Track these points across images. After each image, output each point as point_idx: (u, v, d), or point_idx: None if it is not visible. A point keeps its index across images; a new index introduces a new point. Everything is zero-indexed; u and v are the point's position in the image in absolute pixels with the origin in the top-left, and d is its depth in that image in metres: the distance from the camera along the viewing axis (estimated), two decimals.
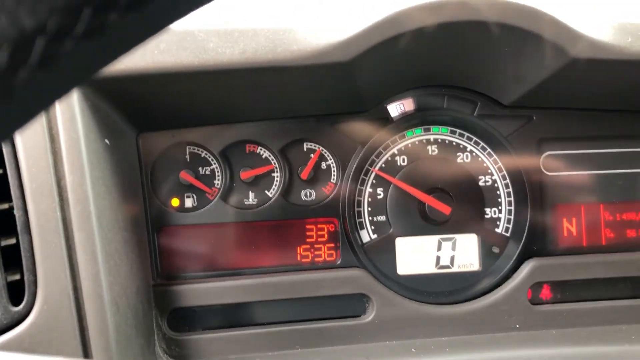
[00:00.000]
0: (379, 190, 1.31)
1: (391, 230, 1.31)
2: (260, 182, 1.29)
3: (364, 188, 1.31)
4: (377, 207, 1.31)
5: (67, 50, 0.34)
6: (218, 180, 1.27)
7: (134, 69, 0.99)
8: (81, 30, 0.34)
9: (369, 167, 1.31)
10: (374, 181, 1.31)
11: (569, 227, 1.33)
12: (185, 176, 1.25)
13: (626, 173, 1.35)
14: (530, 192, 1.31)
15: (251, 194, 1.28)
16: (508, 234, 1.32)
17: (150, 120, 1.21)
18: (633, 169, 1.35)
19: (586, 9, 1.14)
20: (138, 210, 1.19)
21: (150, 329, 1.16)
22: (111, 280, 0.98)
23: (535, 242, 1.32)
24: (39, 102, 0.38)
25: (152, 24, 0.38)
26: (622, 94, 1.27)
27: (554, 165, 1.33)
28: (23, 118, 0.38)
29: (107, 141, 1.05)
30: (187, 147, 1.26)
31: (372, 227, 1.31)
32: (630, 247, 1.33)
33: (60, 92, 0.39)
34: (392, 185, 1.31)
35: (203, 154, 1.27)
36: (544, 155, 1.33)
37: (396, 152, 1.32)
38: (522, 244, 1.30)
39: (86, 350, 0.96)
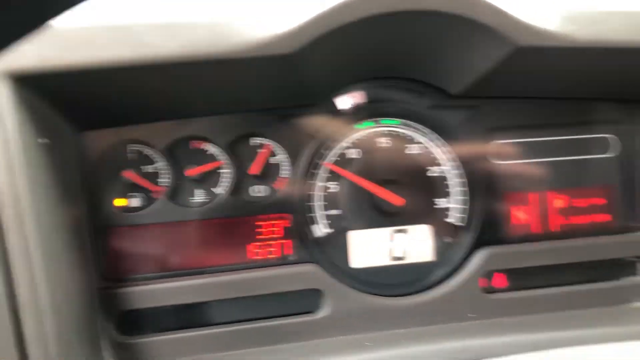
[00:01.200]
0: (332, 184, 1.30)
1: (344, 224, 1.29)
2: (208, 179, 1.25)
3: (316, 182, 1.29)
4: (329, 200, 1.30)
5: None
6: (163, 178, 1.24)
7: (69, 66, 0.95)
8: None
9: (321, 161, 1.29)
10: (326, 175, 1.30)
11: (518, 215, 1.35)
12: (129, 175, 1.21)
13: (572, 160, 1.37)
14: (480, 181, 1.31)
15: (199, 192, 1.25)
16: (460, 224, 1.32)
17: (91, 118, 1.17)
18: (579, 156, 1.37)
19: None
20: (80, 211, 1.15)
21: (96, 334, 1.12)
22: (51, 286, 0.93)
23: (487, 230, 1.32)
24: None
25: None
26: (566, 82, 1.29)
27: (503, 154, 1.34)
28: None
29: (40, 140, 1.00)
30: (130, 145, 1.22)
31: (325, 221, 1.29)
32: (578, 233, 1.35)
33: None
34: (344, 179, 1.30)
35: (147, 152, 1.23)
36: (493, 144, 1.34)
37: (347, 145, 1.30)
38: (473, 233, 1.31)
39: None
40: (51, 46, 0.94)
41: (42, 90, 1.00)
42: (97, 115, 1.16)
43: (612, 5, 1.13)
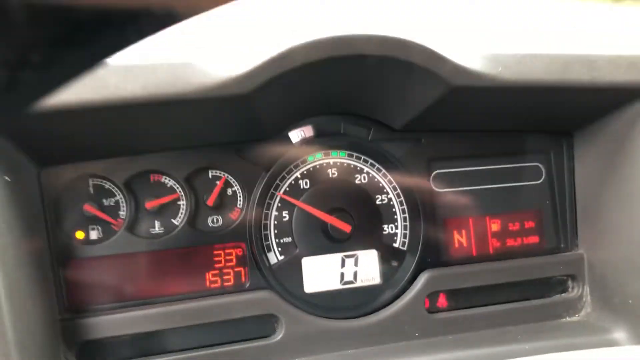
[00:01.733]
0: (284, 213, 1.37)
1: (297, 251, 1.36)
2: (166, 211, 1.31)
3: (269, 211, 1.36)
4: (283, 229, 1.36)
5: None
6: (123, 211, 1.28)
7: None
8: None
9: (274, 191, 1.36)
10: (279, 204, 1.36)
11: (459, 239, 1.45)
12: (89, 208, 1.25)
13: (506, 187, 1.48)
14: (422, 208, 1.41)
15: (157, 223, 1.30)
16: (405, 248, 1.41)
17: (52, 155, 1.20)
18: (512, 183, 1.49)
19: (462, 40, 1.26)
20: (42, 245, 1.18)
21: None
22: (15, 319, 0.97)
23: (430, 254, 1.41)
24: None
25: None
26: (498, 117, 1.40)
27: (443, 183, 1.44)
28: None
29: (7, 178, 1.04)
30: (90, 180, 1.27)
31: (279, 249, 1.36)
32: (514, 254, 1.46)
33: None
34: (296, 208, 1.37)
35: (107, 186, 1.27)
36: (433, 173, 1.44)
37: (299, 175, 1.38)
38: (417, 256, 1.40)
39: None
40: None
41: (3, 132, 1.04)
42: (58, 152, 1.20)
43: (534, 48, 1.26)
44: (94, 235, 1.27)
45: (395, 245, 1.41)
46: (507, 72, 1.20)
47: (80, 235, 1.25)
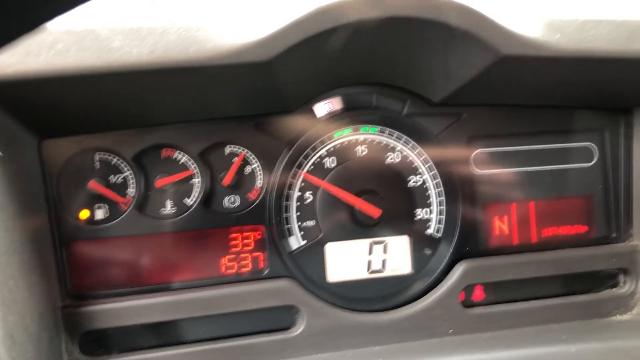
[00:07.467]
0: (308, 194, 1.25)
1: (321, 236, 1.25)
2: (178, 190, 1.20)
3: (291, 192, 1.24)
4: (305, 211, 1.25)
5: None
6: (131, 188, 1.18)
7: (27, 73, 0.89)
8: None
9: (297, 170, 1.24)
10: (302, 184, 1.25)
11: (500, 226, 1.32)
12: (95, 186, 1.15)
13: (555, 169, 1.34)
14: (461, 191, 1.28)
15: (169, 203, 1.20)
16: (439, 235, 1.29)
17: (54, 126, 1.10)
18: (562, 165, 1.34)
19: (515, 6, 1.11)
20: (40, 226, 1.08)
21: (58, 357, 1.06)
22: (4, 311, 0.87)
23: (467, 242, 1.29)
24: None
25: None
26: (550, 91, 1.26)
27: (484, 163, 1.31)
28: None
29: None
30: (96, 154, 1.16)
31: (301, 233, 1.25)
32: (560, 244, 1.33)
33: None
34: (320, 189, 1.25)
35: (114, 161, 1.17)
36: (475, 153, 1.30)
37: (324, 153, 1.26)
38: (453, 244, 1.28)
39: None
40: (8, 51, 0.87)
41: None
42: (60, 123, 1.10)
43: (599, 14, 1.11)
44: (99, 214, 1.17)
45: (429, 231, 1.29)
46: (565, 40, 1.07)
47: (84, 214, 1.16)
